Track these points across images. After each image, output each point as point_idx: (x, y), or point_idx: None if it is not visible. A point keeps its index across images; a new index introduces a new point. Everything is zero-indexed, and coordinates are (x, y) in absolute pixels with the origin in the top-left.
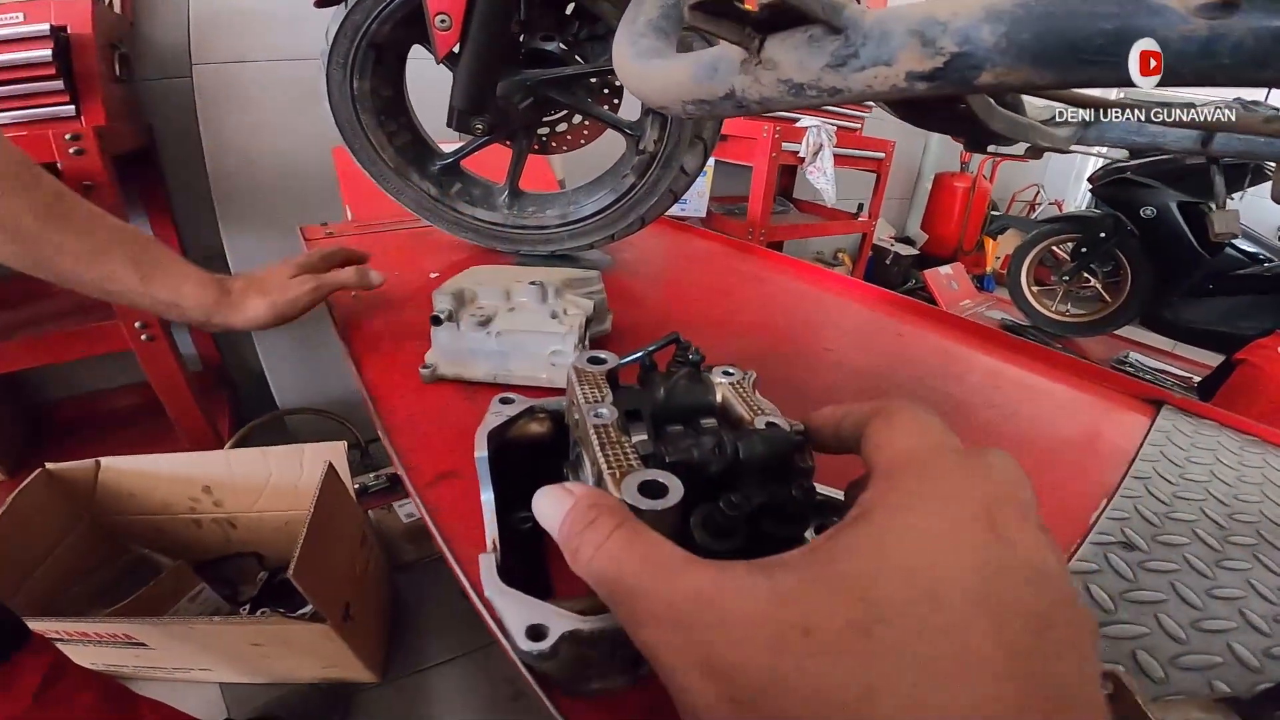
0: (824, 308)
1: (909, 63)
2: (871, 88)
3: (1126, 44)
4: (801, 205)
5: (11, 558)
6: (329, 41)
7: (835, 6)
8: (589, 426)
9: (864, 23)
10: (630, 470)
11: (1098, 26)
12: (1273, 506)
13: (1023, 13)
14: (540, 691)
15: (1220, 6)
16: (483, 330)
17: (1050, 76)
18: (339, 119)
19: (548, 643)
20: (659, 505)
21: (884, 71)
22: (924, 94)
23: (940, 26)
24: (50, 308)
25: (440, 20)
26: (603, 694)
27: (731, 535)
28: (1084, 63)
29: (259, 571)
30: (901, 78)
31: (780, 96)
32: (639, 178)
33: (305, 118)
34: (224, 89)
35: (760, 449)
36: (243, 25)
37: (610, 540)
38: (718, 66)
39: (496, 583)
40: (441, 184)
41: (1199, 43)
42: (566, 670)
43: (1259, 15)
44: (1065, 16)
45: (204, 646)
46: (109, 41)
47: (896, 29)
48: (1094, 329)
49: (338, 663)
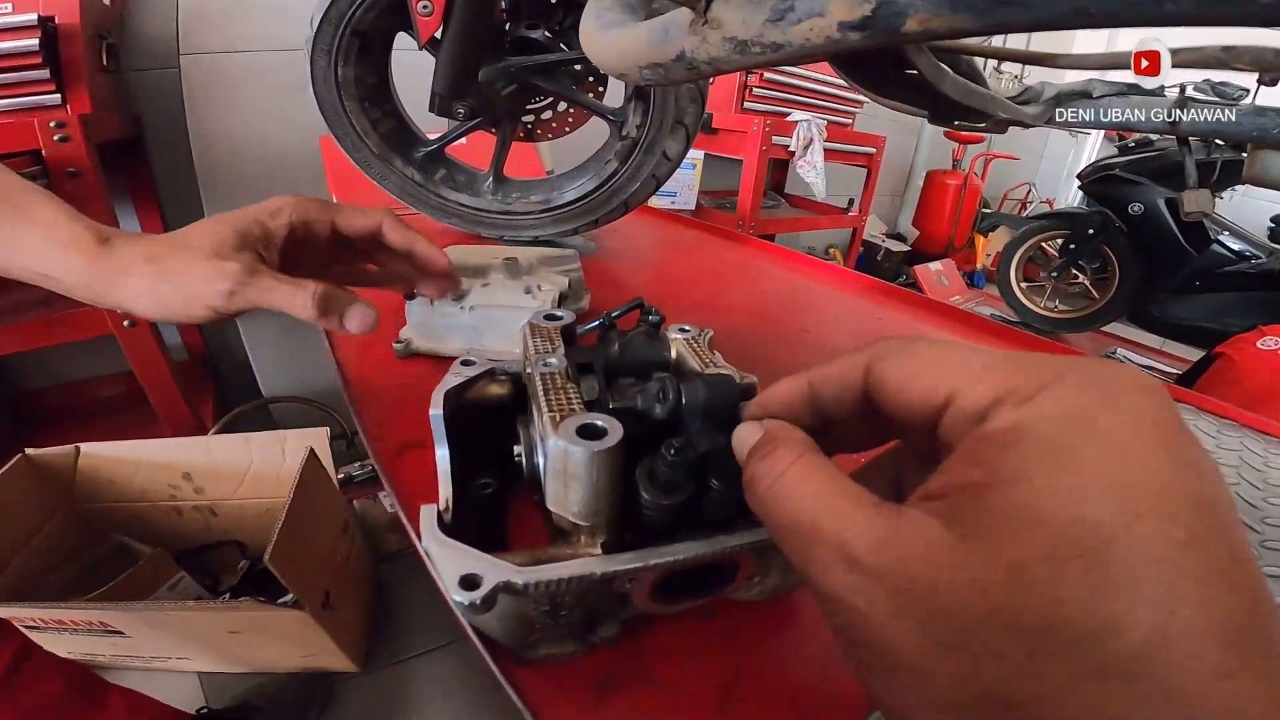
0: (807, 293)
1: (839, 12)
2: (810, 40)
3: None
4: (793, 200)
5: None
6: (313, 28)
7: None
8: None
9: None
10: (572, 414)
11: None
12: (1249, 489)
13: None
14: (487, 656)
15: None
16: (456, 305)
17: (971, 19)
18: (323, 106)
19: (480, 593)
20: (596, 446)
21: (818, 23)
22: (859, 45)
23: None
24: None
25: (422, 6)
26: (553, 661)
27: (675, 489)
28: (998, 4)
29: (240, 560)
30: (834, 28)
31: (727, 55)
32: (621, 163)
33: (292, 107)
34: (211, 79)
35: (703, 394)
36: (231, 15)
37: (787, 473)
38: (668, 29)
39: (435, 533)
40: (426, 170)
41: None
42: (511, 631)
43: None
44: None
45: (181, 634)
46: (96, 32)
47: None
48: (1082, 325)
49: (318, 651)
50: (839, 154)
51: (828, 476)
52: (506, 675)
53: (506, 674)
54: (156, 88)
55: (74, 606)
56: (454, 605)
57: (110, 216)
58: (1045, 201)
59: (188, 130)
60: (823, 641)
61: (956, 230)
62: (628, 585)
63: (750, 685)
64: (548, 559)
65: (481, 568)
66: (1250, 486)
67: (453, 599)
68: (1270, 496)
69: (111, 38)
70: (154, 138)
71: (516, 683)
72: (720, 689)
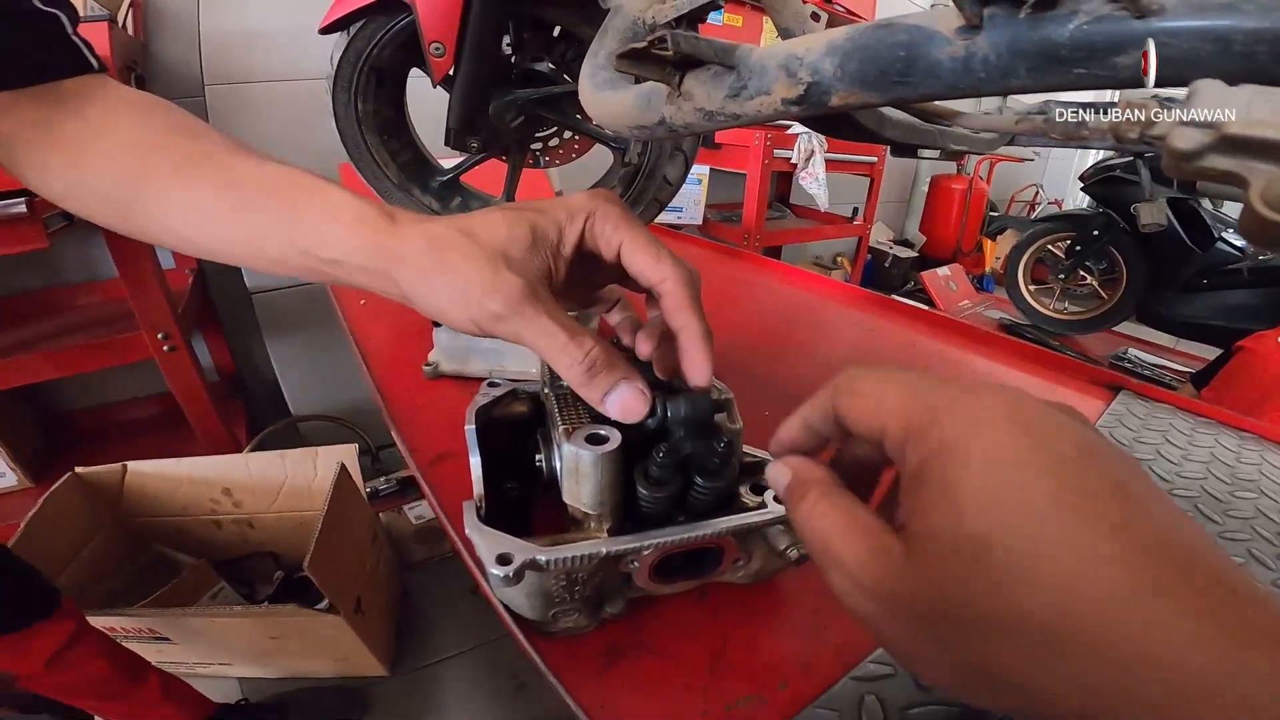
0: (806, 308)
1: (782, 91)
2: (761, 112)
3: (916, 65)
4: (798, 210)
5: (42, 558)
6: (333, 67)
7: (726, 49)
8: (552, 396)
9: (750, 59)
10: (581, 426)
11: (896, 54)
12: (1215, 482)
13: (849, 46)
14: (515, 627)
15: (968, 28)
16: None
17: (877, 95)
18: (346, 140)
19: (512, 567)
20: (601, 450)
21: (766, 99)
22: (800, 114)
23: (799, 60)
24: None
25: (435, 48)
26: (569, 634)
27: (664, 484)
28: (894, 83)
29: (275, 570)
30: (779, 103)
31: (699, 122)
32: (625, 189)
33: (312, 135)
34: (235, 109)
35: (685, 408)
36: (250, 46)
37: (814, 510)
38: (650, 98)
39: (476, 523)
40: (443, 199)
41: (961, 61)
42: (536, 605)
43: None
44: (875, 47)
45: (223, 640)
46: (125, 63)
47: (770, 64)
48: (1092, 326)
49: (350, 655)
50: (841, 164)
51: (843, 510)
52: (532, 644)
53: (532, 643)
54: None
55: (126, 614)
56: (490, 579)
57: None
58: (1053, 203)
59: None
60: (797, 618)
61: (964, 234)
62: (631, 565)
63: (736, 654)
64: (565, 541)
65: (513, 548)
66: (1218, 481)
67: (491, 572)
68: (1236, 490)
69: (139, 68)
70: None
71: (540, 650)
72: (711, 656)
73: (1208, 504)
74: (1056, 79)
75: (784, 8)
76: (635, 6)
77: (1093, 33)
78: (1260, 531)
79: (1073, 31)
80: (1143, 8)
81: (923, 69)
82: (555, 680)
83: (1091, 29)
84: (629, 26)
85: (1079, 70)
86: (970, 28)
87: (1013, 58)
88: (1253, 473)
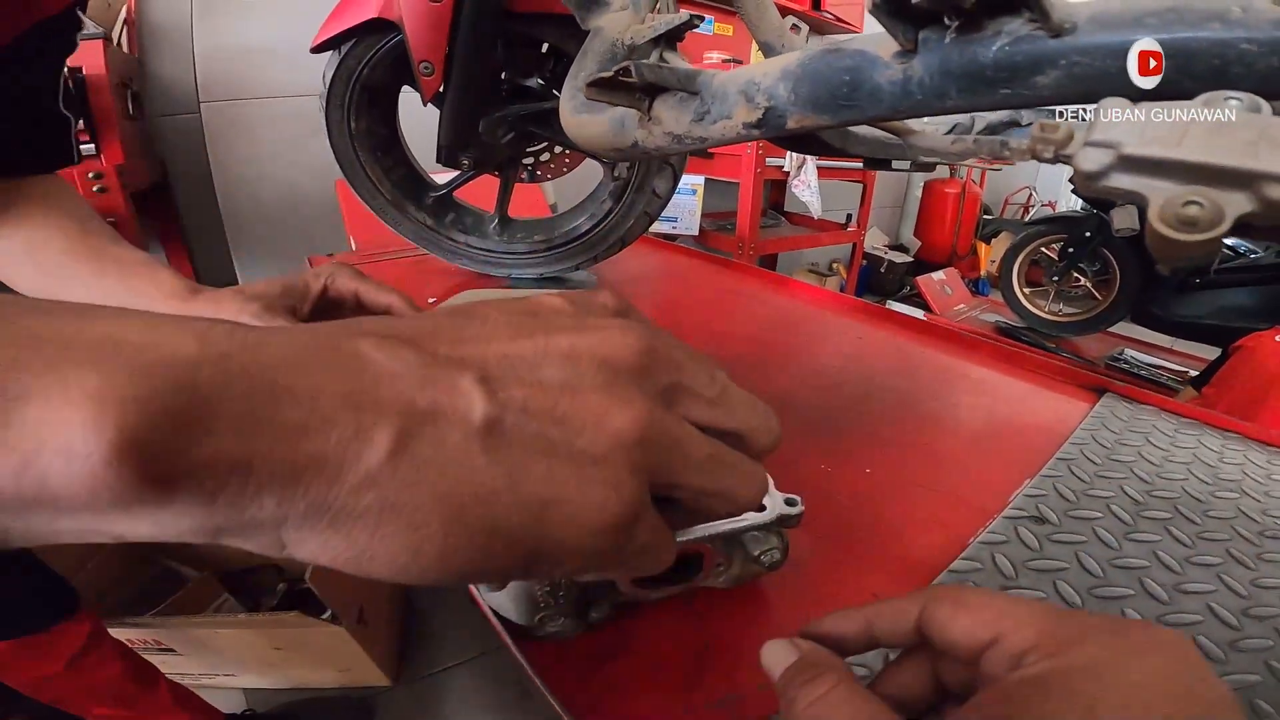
0: (799, 317)
1: (742, 116)
2: (725, 135)
3: (860, 88)
4: (793, 218)
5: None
6: (326, 85)
7: (689, 75)
8: None
9: (712, 85)
10: None
11: (842, 78)
12: (1196, 483)
13: (800, 71)
14: (503, 631)
15: (904, 53)
16: None
17: (829, 118)
18: (340, 158)
19: None
20: None
21: (728, 123)
22: (760, 136)
23: (756, 86)
24: None
25: (424, 67)
26: (555, 638)
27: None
28: (842, 106)
29: (279, 582)
30: (740, 127)
31: (668, 145)
32: (615, 202)
33: (306, 152)
34: (230, 126)
35: None
36: (246, 63)
37: (827, 697)
38: (624, 122)
39: None
40: (437, 215)
41: (900, 84)
42: (522, 610)
43: (926, 56)
44: (824, 72)
45: (228, 651)
46: (121, 80)
47: (731, 90)
48: (1087, 327)
49: (353, 666)
50: (834, 171)
51: (863, 702)
52: (519, 648)
53: (519, 647)
54: (178, 133)
55: (132, 625)
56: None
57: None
58: (1047, 204)
59: (212, 175)
60: (776, 620)
61: (958, 238)
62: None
63: (718, 655)
64: None
65: None
66: (1199, 481)
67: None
68: (1218, 490)
69: (134, 85)
70: (179, 183)
71: (527, 653)
72: (693, 658)
73: (1187, 505)
74: (985, 98)
75: (761, 21)
76: (614, 29)
77: (1014, 53)
78: (1240, 531)
79: (995, 53)
80: (1056, 27)
81: (866, 92)
82: (540, 683)
83: (1012, 49)
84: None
85: (1004, 90)
86: (906, 53)
87: (945, 80)
88: (1235, 473)
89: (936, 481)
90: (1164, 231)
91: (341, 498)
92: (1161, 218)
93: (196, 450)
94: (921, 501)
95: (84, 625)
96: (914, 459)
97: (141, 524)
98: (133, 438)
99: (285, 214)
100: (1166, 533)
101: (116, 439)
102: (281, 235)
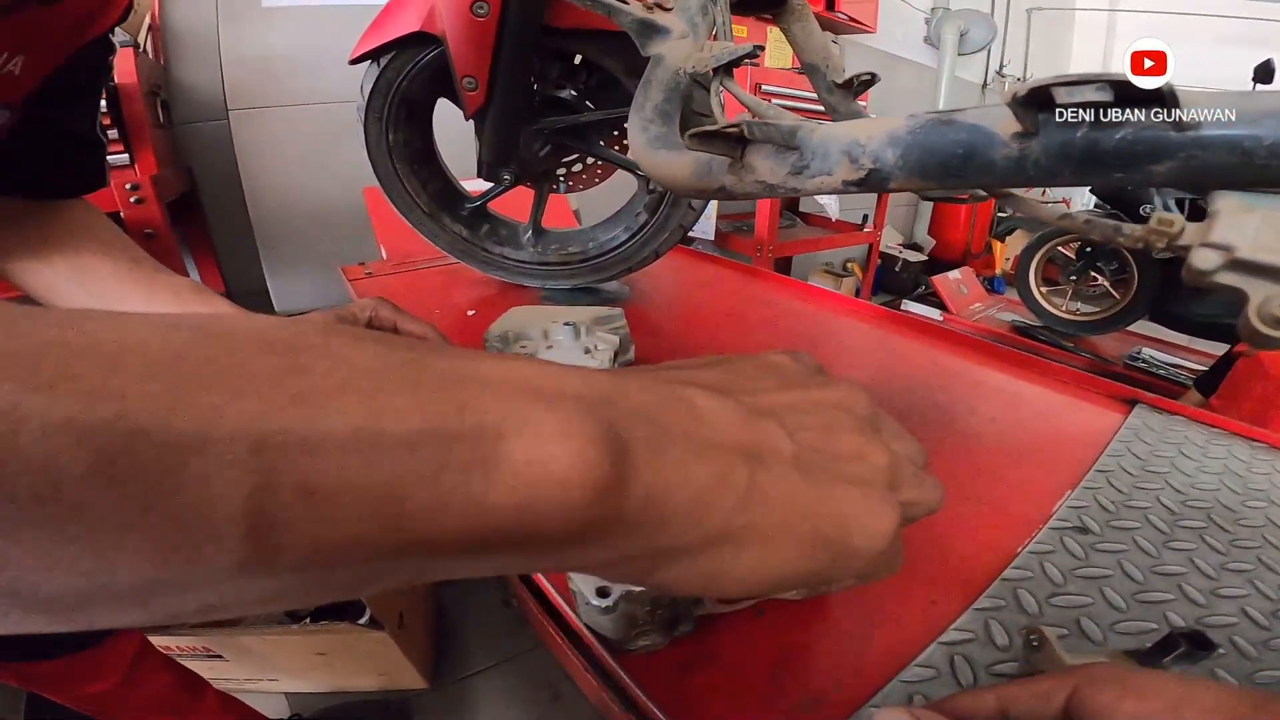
0: (823, 326)
1: (844, 174)
2: (820, 188)
3: (972, 161)
4: (809, 219)
5: None
6: (365, 97)
7: (790, 131)
8: None
9: (812, 141)
10: None
11: (956, 151)
12: (1228, 494)
13: (911, 139)
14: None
15: (1024, 135)
16: None
17: (933, 184)
18: (378, 170)
19: (611, 599)
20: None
21: (827, 179)
22: (857, 192)
23: (861, 148)
24: None
25: (467, 82)
26: (646, 650)
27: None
28: (950, 174)
29: None
30: (839, 184)
31: (759, 192)
32: (651, 215)
33: (336, 159)
34: (258, 133)
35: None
36: (270, 70)
37: None
38: (711, 166)
39: None
40: (472, 226)
41: (1014, 161)
42: (620, 627)
43: (1046, 139)
44: (937, 143)
45: (273, 657)
46: (150, 89)
47: (833, 149)
48: (1105, 326)
49: (392, 670)
50: None
51: None
52: (616, 660)
53: (616, 659)
54: (205, 140)
55: (183, 633)
56: (589, 608)
57: (183, 274)
58: (1062, 201)
59: (241, 183)
60: (846, 630)
61: (973, 236)
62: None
63: (793, 663)
64: None
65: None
66: (1230, 492)
67: (592, 604)
68: (1248, 500)
69: (163, 93)
70: (207, 190)
71: (624, 665)
72: (771, 665)
73: (1221, 514)
74: (1095, 179)
75: (808, 42)
76: (675, 57)
77: (1135, 143)
78: (1270, 539)
79: (1118, 141)
80: (1184, 124)
81: (978, 165)
82: (639, 690)
83: (1135, 139)
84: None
85: (1117, 175)
86: (1026, 134)
87: (1061, 161)
88: (1263, 482)
89: (980, 494)
90: (1259, 327)
91: (719, 524)
92: (1260, 315)
93: (631, 486)
94: (968, 513)
95: (132, 638)
96: (957, 472)
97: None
98: (610, 472)
99: (314, 222)
100: (1202, 541)
101: (600, 474)
102: (311, 243)
